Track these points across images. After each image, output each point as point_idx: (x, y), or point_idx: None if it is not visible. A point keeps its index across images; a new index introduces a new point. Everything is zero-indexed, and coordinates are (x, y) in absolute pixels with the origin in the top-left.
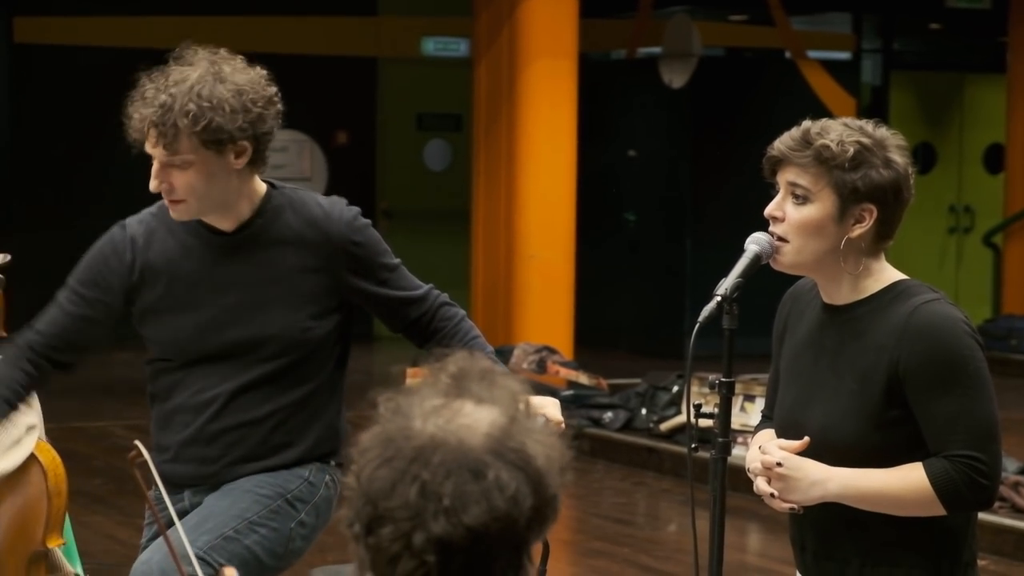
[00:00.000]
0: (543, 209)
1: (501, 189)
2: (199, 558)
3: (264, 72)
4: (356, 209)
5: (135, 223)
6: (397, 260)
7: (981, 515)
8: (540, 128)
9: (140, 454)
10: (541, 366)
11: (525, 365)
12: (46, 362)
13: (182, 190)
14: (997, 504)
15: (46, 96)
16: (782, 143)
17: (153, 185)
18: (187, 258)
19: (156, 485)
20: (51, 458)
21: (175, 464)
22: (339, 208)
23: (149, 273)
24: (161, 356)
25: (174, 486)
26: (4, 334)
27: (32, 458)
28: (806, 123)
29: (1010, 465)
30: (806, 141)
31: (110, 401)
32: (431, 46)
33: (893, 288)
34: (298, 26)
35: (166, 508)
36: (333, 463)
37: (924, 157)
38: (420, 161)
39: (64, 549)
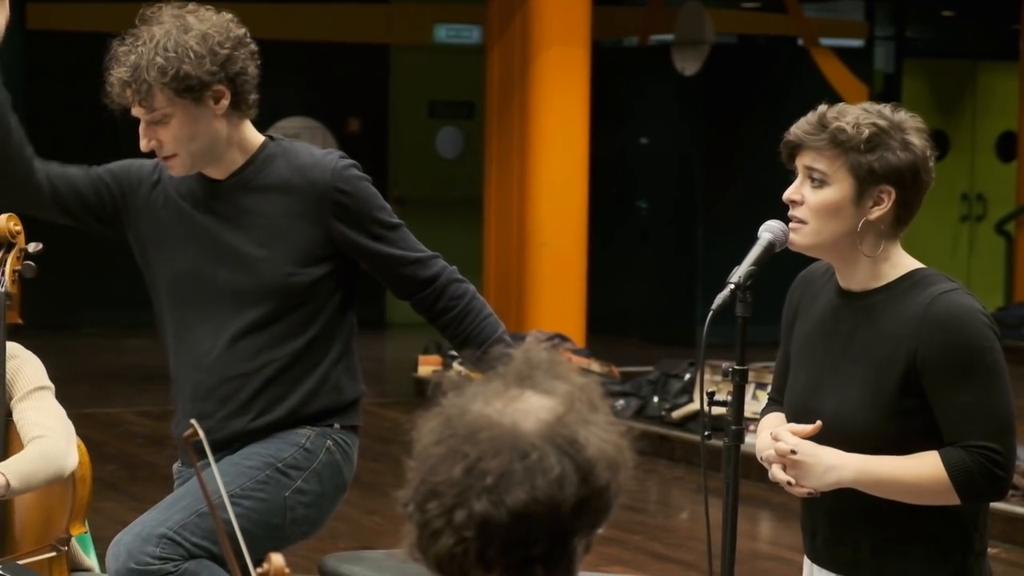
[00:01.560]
0: (555, 197)
1: (513, 177)
2: (167, 538)
3: (231, 16)
4: (350, 161)
5: (154, 164)
6: (398, 220)
7: (993, 504)
8: (552, 115)
9: (196, 433)
10: None
11: None
12: (34, 161)
13: (170, 144)
14: (1010, 493)
15: (59, 82)
16: (798, 127)
17: (143, 144)
18: (183, 202)
19: (208, 460)
20: (80, 450)
21: (181, 427)
22: (331, 157)
23: (156, 202)
24: (158, 302)
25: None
26: (20, 321)
27: None
28: (822, 107)
29: (1022, 453)
30: (822, 125)
31: (122, 387)
32: (443, 33)
33: (911, 276)
34: (310, 13)
35: (213, 480)
36: (337, 426)
37: (936, 145)
38: (432, 148)
39: (80, 537)
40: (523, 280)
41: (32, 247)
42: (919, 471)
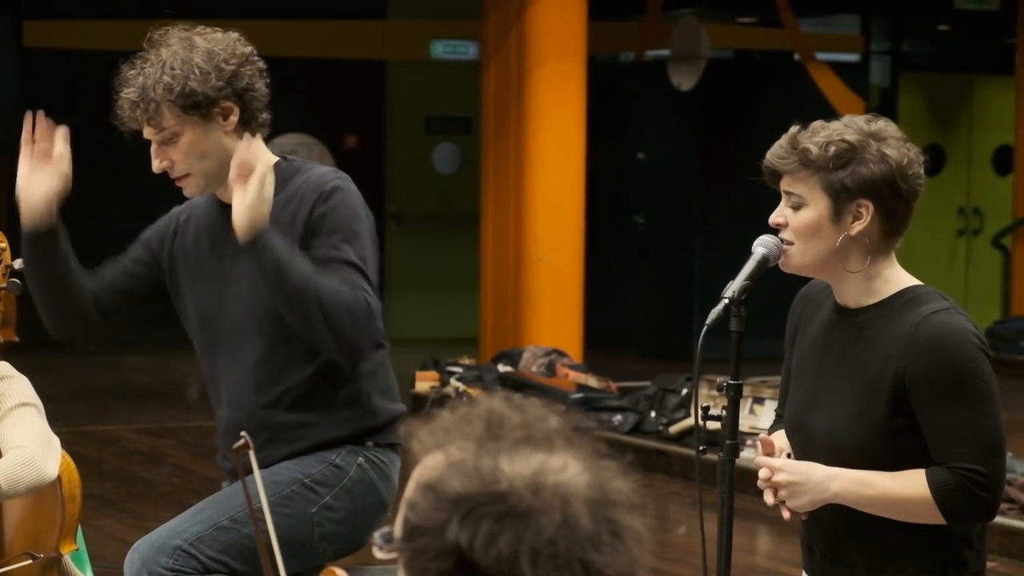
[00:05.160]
0: (552, 212)
1: (510, 192)
2: (182, 550)
3: (238, 35)
4: (339, 183)
5: (191, 201)
6: (346, 256)
7: None
8: (549, 131)
9: (247, 444)
10: (550, 369)
11: (534, 368)
12: (93, 284)
13: (181, 163)
14: (1006, 506)
15: (55, 99)
16: (771, 153)
17: (155, 165)
18: (205, 232)
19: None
20: (65, 463)
21: (224, 461)
22: (325, 178)
23: (180, 247)
24: (193, 340)
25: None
26: (16, 338)
27: None
28: (793, 128)
29: (1018, 467)
30: (792, 147)
31: (120, 404)
32: (440, 49)
33: (904, 294)
34: (307, 30)
35: (256, 493)
36: (371, 443)
37: (933, 159)
38: (429, 164)
39: (76, 555)
40: (520, 295)
41: (18, 264)
42: (905, 489)
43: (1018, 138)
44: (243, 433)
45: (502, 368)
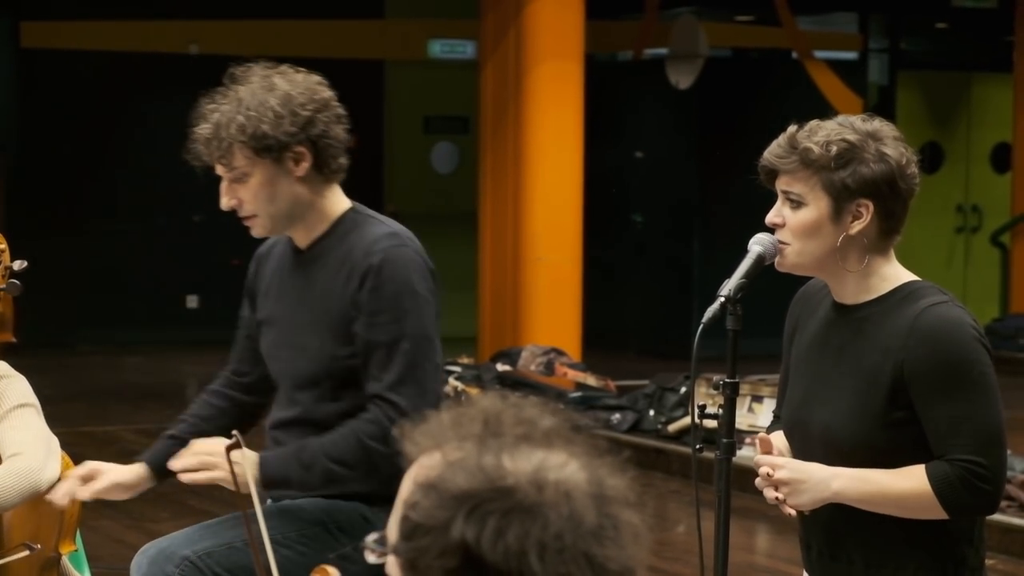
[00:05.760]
0: (550, 211)
1: (508, 191)
2: (190, 561)
3: (319, 79)
4: (385, 254)
5: (273, 239)
6: (396, 335)
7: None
8: (547, 130)
9: (238, 443)
10: (549, 368)
11: (533, 367)
12: (234, 389)
13: (249, 204)
14: (1005, 503)
15: (53, 101)
16: (770, 152)
17: (223, 202)
18: (278, 275)
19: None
20: (65, 464)
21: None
22: (373, 249)
23: (260, 287)
24: None
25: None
26: (13, 339)
27: None
28: (792, 127)
29: (1017, 464)
30: (791, 146)
31: (119, 405)
32: (438, 48)
33: (902, 289)
34: (304, 29)
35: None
36: None
37: (931, 157)
38: (427, 164)
39: (74, 556)
40: (519, 294)
41: (17, 265)
42: (905, 485)
43: (1016, 135)
44: (234, 432)
45: (501, 367)
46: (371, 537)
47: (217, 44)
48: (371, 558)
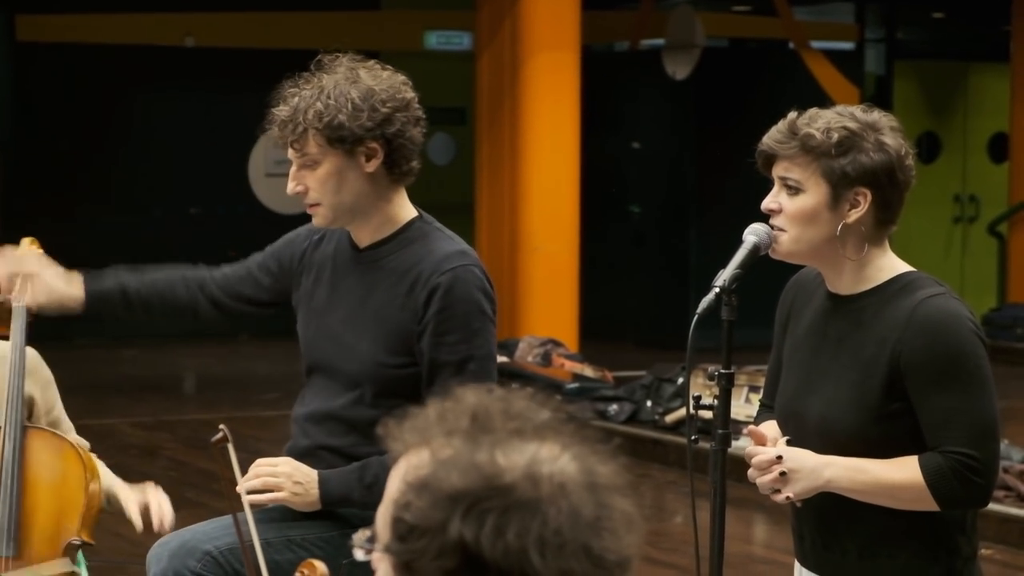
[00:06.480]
0: (547, 202)
1: (505, 182)
2: (211, 556)
3: (404, 78)
4: (455, 272)
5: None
6: (465, 356)
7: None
8: (543, 121)
9: (225, 438)
10: (546, 359)
11: (530, 358)
12: (203, 289)
13: (315, 191)
14: (1002, 494)
15: (48, 93)
16: (769, 138)
17: (290, 187)
18: (331, 263)
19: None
20: (89, 459)
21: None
22: (442, 266)
23: (308, 266)
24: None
25: None
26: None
27: (73, 449)
28: (792, 114)
29: (1015, 454)
30: (792, 132)
31: (117, 398)
32: (434, 39)
33: (899, 279)
34: (300, 21)
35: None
36: None
37: (928, 146)
38: (424, 155)
39: None
40: (516, 285)
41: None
42: (898, 475)
43: (1013, 125)
44: (221, 426)
45: (498, 358)
46: (359, 536)
47: (212, 37)
48: (359, 556)
